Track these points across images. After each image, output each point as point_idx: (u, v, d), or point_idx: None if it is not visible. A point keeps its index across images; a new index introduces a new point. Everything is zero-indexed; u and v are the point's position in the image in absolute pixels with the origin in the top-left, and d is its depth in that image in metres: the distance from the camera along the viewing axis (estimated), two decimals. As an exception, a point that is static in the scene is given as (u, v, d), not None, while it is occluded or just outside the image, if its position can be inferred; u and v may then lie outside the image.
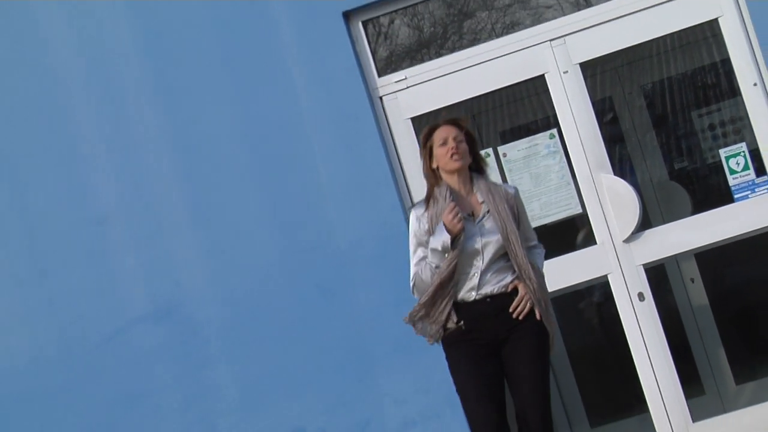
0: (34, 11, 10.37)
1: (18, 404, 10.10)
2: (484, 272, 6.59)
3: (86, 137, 10.17)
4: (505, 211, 6.65)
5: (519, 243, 6.61)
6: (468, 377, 6.61)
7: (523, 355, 6.62)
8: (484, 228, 6.63)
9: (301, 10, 9.85)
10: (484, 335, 6.60)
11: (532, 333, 6.62)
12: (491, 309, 6.57)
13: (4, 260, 10.30)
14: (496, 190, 6.83)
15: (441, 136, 6.68)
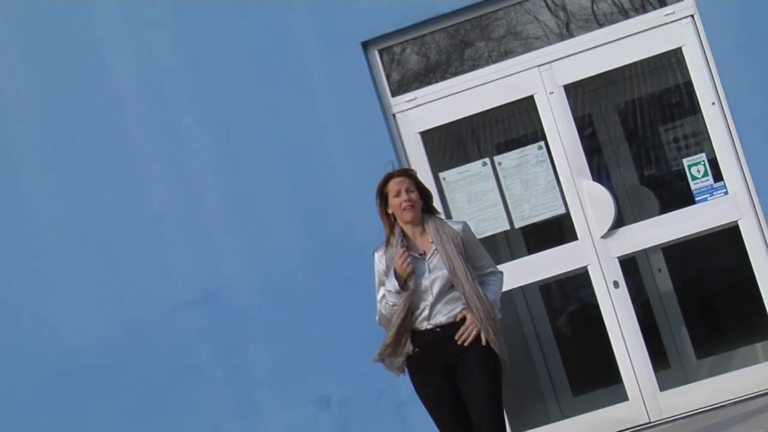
0: (96, 34, 10.52)
1: (89, 376, 10.27)
2: (434, 304, 6.55)
3: (143, 149, 10.36)
4: (452, 248, 6.59)
5: (466, 276, 6.53)
6: (429, 401, 6.66)
7: (473, 381, 6.54)
8: (432, 265, 6.57)
9: (326, 40, 10.05)
10: (437, 361, 6.56)
11: (481, 359, 6.54)
12: (440, 337, 6.53)
13: (77, 254, 10.45)
14: (444, 229, 6.74)
15: (394, 189, 6.65)
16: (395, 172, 6.82)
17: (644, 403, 9.68)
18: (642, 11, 10.02)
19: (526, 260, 10.29)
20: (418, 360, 6.54)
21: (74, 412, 10.41)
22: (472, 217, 9.95)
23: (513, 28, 10.25)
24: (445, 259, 6.50)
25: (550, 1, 10.21)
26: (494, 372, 6.52)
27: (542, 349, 11.53)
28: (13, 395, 10.49)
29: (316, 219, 10.00)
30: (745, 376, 9.69)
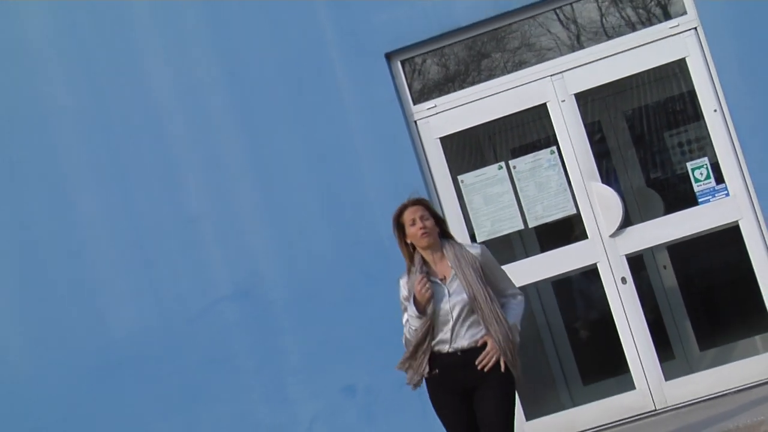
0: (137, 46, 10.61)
1: (130, 365, 10.34)
2: (455, 328, 6.49)
3: (180, 154, 10.45)
4: (471, 273, 6.51)
5: (485, 300, 6.46)
6: (445, 420, 6.62)
7: (490, 405, 6.49)
8: (452, 289, 6.50)
9: (352, 51, 10.08)
10: (456, 383, 6.52)
11: (498, 383, 6.48)
12: (461, 361, 6.47)
13: (119, 252, 10.54)
14: (462, 254, 6.66)
15: (410, 218, 6.61)
16: (408, 202, 6.77)
17: (650, 392, 9.67)
18: (648, 24, 10.05)
19: (539, 258, 10.33)
20: (438, 380, 6.52)
21: (116, 398, 10.46)
22: (489, 217, 10.12)
23: (527, 40, 10.27)
24: (465, 284, 6.46)
25: (562, 15, 10.21)
26: (510, 395, 6.53)
27: (554, 340, 11.54)
28: (61, 382, 10.50)
29: (341, 219, 10.05)
30: (745, 366, 9.69)
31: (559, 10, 10.19)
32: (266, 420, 10.27)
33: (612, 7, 10.23)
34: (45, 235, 10.74)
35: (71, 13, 10.83)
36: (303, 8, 10.35)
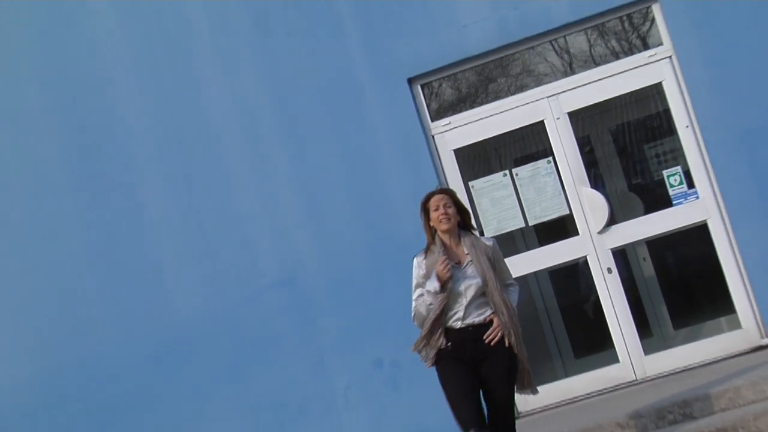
0: (198, 74, 10.71)
1: (192, 343, 10.53)
2: (468, 307, 6.49)
3: (235, 163, 10.59)
4: (485, 260, 6.53)
5: (495, 285, 6.51)
6: (454, 385, 6.51)
7: (495, 376, 6.53)
8: (467, 273, 6.51)
9: (380, 77, 10.22)
10: (466, 354, 6.50)
11: (504, 358, 6.53)
12: (472, 335, 6.49)
13: (183, 245, 10.68)
14: (478, 243, 6.70)
15: (434, 204, 6.64)
16: (436, 190, 6.82)
17: (632, 364, 9.83)
18: (630, 53, 10.13)
19: (537, 251, 10.38)
20: (450, 351, 6.50)
21: (180, 371, 10.62)
22: (495, 216, 10.22)
23: (527, 66, 10.33)
24: (479, 270, 6.48)
25: (557, 45, 10.28)
26: (512, 366, 6.56)
27: (551, 321, 11.54)
28: (134, 357, 10.64)
29: (370, 219, 10.14)
30: (712, 343, 9.84)
31: (554, 41, 10.25)
32: (308, 388, 10.31)
33: (599, 38, 10.26)
34: (124, 232, 10.84)
35: (145, 45, 10.91)
36: (339, 41, 10.43)
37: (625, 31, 10.29)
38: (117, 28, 10.93)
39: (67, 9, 10.99)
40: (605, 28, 10.22)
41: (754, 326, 9.68)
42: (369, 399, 10.08)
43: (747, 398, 7.82)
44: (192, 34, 10.79)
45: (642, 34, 10.18)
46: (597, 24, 10.14)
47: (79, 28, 10.98)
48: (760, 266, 9.54)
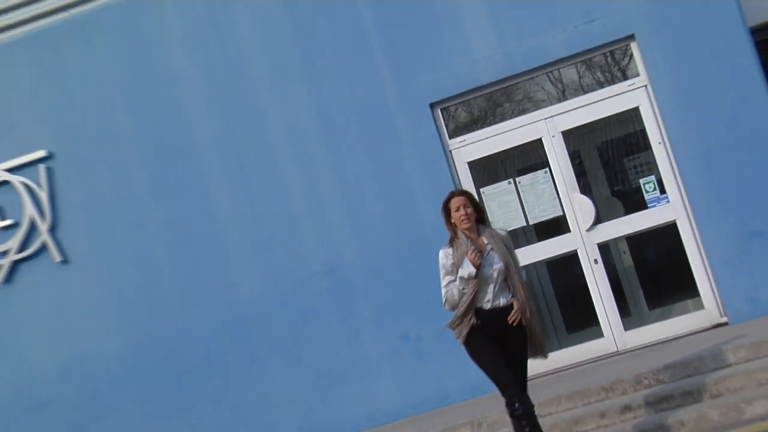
0: (260, 99, 10.80)
1: (252, 322, 10.71)
2: (495, 290, 6.50)
3: (289, 172, 10.73)
4: (503, 248, 6.56)
5: (514, 268, 6.58)
6: (487, 355, 6.53)
7: (517, 350, 6.58)
8: (491, 260, 6.49)
9: (407, 103, 10.37)
10: (493, 330, 6.51)
11: (522, 334, 6.58)
12: (499, 315, 6.50)
13: (246, 239, 10.80)
14: (495, 234, 6.68)
15: (455, 204, 6.59)
16: (456, 192, 6.83)
17: (614, 338, 10.00)
18: (612, 83, 10.26)
19: (536, 245, 10.44)
20: (480, 329, 6.50)
21: (244, 344, 10.77)
22: (502, 217, 10.32)
23: (527, 93, 10.44)
24: (500, 256, 6.50)
25: (552, 76, 10.39)
26: (526, 347, 6.65)
27: (547, 302, 11.47)
28: (205, 333, 10.84)
29: (398, 219, 10.24)
30: (680, 321, 10.02)
31: (549, 73, 10.36)
32: (346, 358, 10.48)
33: (587, 70, 10.38)
34: (196, 230, 11.00)
35: (214, 77, 11.05)
36: (373, 73, 10.56)
37: (608, 64, 10.38)
38: (191, 64, 11.05)
39: (150, 48, 11.14)
40: (592, 62, 10.33)
41: (715, 307, 9.80)
42: (397, 368, 10.19)
43: (709, 366, 7.94)
44: (252, 68, 10.92)
45: (622, 67, 10.26)
46: (585, 59, 10.24)
47: (159, 64, 11.10)
48: (720, 258, 9.67)
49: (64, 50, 11.33)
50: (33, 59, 11.40)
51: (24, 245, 11.17)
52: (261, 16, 10.86)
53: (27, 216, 11.10)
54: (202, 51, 11.04)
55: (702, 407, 7.31)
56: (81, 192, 11.17)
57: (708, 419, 7.12)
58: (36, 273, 11.16)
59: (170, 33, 11.09)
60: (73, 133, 11.22)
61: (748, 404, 7.07)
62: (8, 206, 11.25)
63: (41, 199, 11.11)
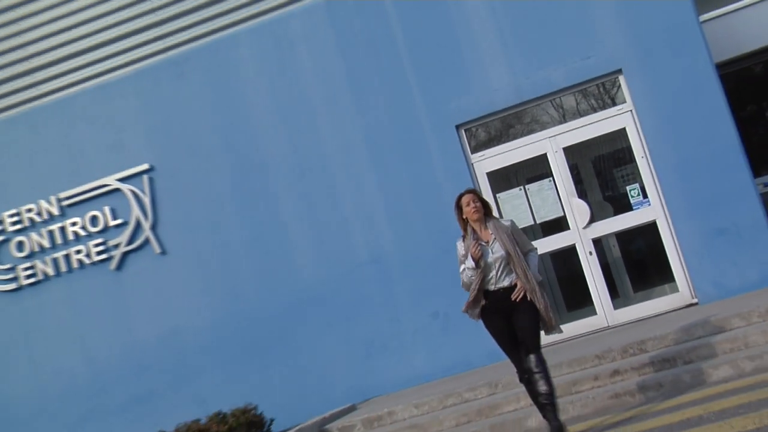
0: (316, 122, 10.87)
1: (312, 301, 10.84)
2: (497, 274, 6.34)
3: (341, 182, 10.84)
4: (506, 237, 6.35)
5: (516, 255, 6.30)
6: (496, 329, 6.47)
7: (522, 321, 6.35)
8: (493, 249, 6.32)
9: (437, 124, 10.46)
10: (500, 308, 6.38)
11: (526, 309, 6.33)
12: (502, 295, 6.35)
13: (306, 234, 10.91)
14: (499, 225, 6.49)
15: (466, 201, 6.48)
16: (465, 191, 6.66)
17: (605, 315, 10.09)
18: (604, 108, 10.29)
19: (542, 240, 10.31)
20: (489, 308, 6.41)
21: (305, 320, 10.90)
22: (514, 217, 9.40)
23: (534, 117, 10.50)
24: (502, 245, 6.31)
25: (554, 103, 10.43)
26: (535, 315, 6.36)
27: (550, 286, 11.14)
28: (274, 311, 10.98)
29: (430, 219, 10.20)
30: (659, 302, 10.12)
31: (552, 100, 10.43)
32: (387, 332, 10.58)
33: (583, 98, 10.42)
34: (267, 228, 11.15)
35: (281, 99, 11.17)
36: (409, 101, 10.65)
37: (600, 93, 10.39)
38: (262, 95, 11.18)
39: (229, 82, 11.30)
40: (587, 91, 10.39)
41: (687, 290, 9.91)
42: (428, 339, 10.26)
43: (682, 338, 7.97)
44: (311, 98, 11.07)
45: (612, 95, 10.30)
46: (581, 88, 10.32)
47: (237, 95, 11.32)
48: (691, 250, 9.78)
49: (162, 84, 11.61)
50: (138, 91, 11.67)
51: (131, 240, 11.41)
52: (318, 56, 11.03)
53: (134, 216, 11.39)
54: (271, 84, 11.21)
55: (677, 371, 7.28)
56: (176, 197, 11.41)
57: (681, 381, 7.10)
58: (140, 262, 11.41)
59: (246, 70, 11.28)
60: (169, 150, 11.48)
61: (715, 369, 7.05)
62: (119, 209, 11.48)
63: (145, 203, 11.37)
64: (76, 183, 11.60)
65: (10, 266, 11.73)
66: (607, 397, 7.30)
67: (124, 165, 11.47)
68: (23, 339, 11.64)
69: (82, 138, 11.70)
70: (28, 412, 11.57)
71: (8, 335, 11.76)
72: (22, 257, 11.72)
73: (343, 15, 10.95)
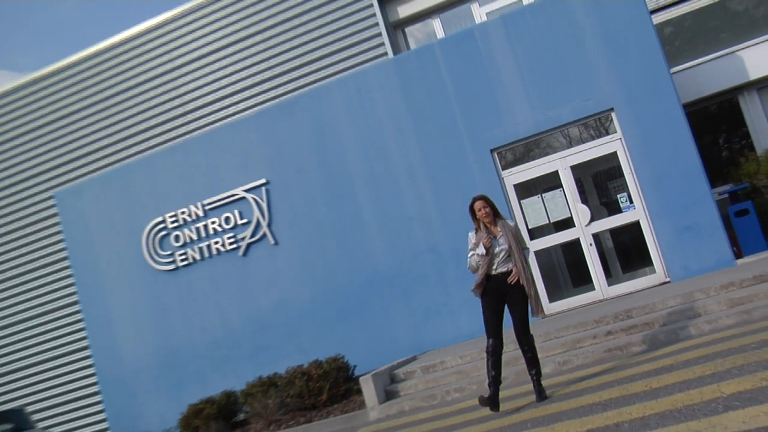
0: (383, 144, 10.90)
1: (383, 279, 10.86)
2: (499, 262, 6.08)
3: (407, 192, 10.75)
4: (510, 234, 6.13)
5: (517, 248, 6.08)
6: (491, 308, 6.07)
7: (515, 301, 6.04)
8: (500, 242, 6.10)
9: (476, 148, 10.50)
10: (497, 289, 6.08)
11: (520, 293, 6.03)
12: (502, 278, 6.07)
13: (379, 230, 10.89)
14: (505, 224, 6.21)
15: (478, 207, 6.26)
16: (477, 197, 6.38)
17: (601, 290, 10.11)
18: (600, 137, 10.26)
19: (554, 235, 10.36)
20: (489, 289, 6.11)
21: (377, 294, 10.92)
22: (534, 218, 10.39)
23: (549, 143, 10.49)
24: (506, 240, 6.10)
25: (564, 132, 10.39)
26: (526, 299, 6.05)
27: (560, 268, 11.27)
28: (353, 286, 11.08)
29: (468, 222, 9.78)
30: (641, 280, 10.07)
31: (562, 130, 10.40)
32: (441, 302, 10.54)
33: (584, 129, 10.40)
34: (349, 221, 11.18)
35: (361, 126, 11.13)
36: (453, 129, 10.67)
37: (597, 125, 10.37)
38: (348, 127, 11.28)
39: (322, 116, 11.40)
40: (587, 124, 10.38)
41: (662, 271, 9.92)
42: (470, 308, 9.82)
43: (658, 307, 7.97)
44: (383, 129, 11.10)
45: (606, 127, 10.29)
46: (583, 122, 10.30)
47: (330, 127, 11.35)
48: (665, 242, 9.80)
49: (276, 121, 11.80)
50: (259, 127, 11.90)
51: (253, 234, 11.64)
52: (389, 99, 11.13)
53: (255, 217, 11.63)
54: (354, 120, 11.29)
55: (655, 332, 7.26)
56: (285, 203, 11.54)
57: (658, 339, 7.11)
58: (260, 250, 11.62)
59: (336, 110, 11.41)
60: (281, 169, 11.63)
61: (682, 330, 7.05)
62: (245, 211, 11.70)
63: (263, 207, 11.60)
64: (215, 193, 11.87)
65: (169, 252, 12.13)
66: (602, 351, 7.33)
67: (249, 180, 11.67)
68: (179, 305, 12.01)
69: (219, 161, 11.94)
70: (184, 356, 12.01)
71: (169, 302, 12.10)
72: (178, 246, 12.04)
73: (407, 68, 11.03)
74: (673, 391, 4.87)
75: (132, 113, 15.27)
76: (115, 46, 15.47)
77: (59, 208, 12.78)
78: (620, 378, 5.96)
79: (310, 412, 9.05)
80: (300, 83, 13.93)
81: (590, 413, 4.97)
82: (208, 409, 9.84)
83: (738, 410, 3.91)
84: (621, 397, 5.21)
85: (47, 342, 15.51)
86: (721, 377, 4.86)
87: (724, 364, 5.23)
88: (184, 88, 14.83)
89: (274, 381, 9.72)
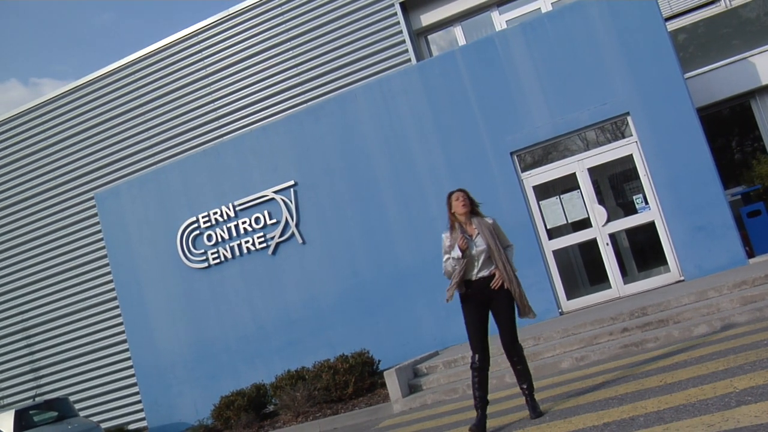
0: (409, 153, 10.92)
1: (408, 274, 10.79)
2: (479, 266, 5.34)
3: (431, 194, 10.70)
4: (488, 233, 5.40)
5: (497, 249, 5.34)
6: (470, 317, 5.29)
7: (500, 308, 5.28)
8: (477, 242, 5.35)
9: (497, 151, 10.43)
10: (479, 296, 5.32)
11: (506, 298, 5.28)
12: (483, 284, 5.32)
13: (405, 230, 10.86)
14: (482, 222, 5.50)
15: (455, 197, 5.56)
16: (456, 190, 5.71)
17: (617, 289, 10.04)
18: (616, 140, 10.16)
19: (572, 235, 10.31)
20: (469, 297, 5.36)
21: (402, 288, 10.90)
22: (552, 218, 10.30)
23: (567, 146, 10.42)
24: (485, 239, 5.38)
25: (581, 135, 10.31)
26: (511, 304, 5.32)
27: (578, 267, 11.27)
28: (380, 283, 11.10)
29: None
30: (656, 279, 10.01)
31: (579, 134, 10.33)
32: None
33: (601, 133, 10.30)
34: (375, 223, 11.18)
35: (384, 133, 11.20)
36: (476, 134, 10.64)
37: (613, 129, 10.29)
38: (372, 132, 11.33)
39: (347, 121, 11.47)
40: (604, 128, 10.30)
41: (676, 270, 9.85)
42: None
43: (672, 305, 7.93)
44: (408, 134, 11.08)
45: (622, 130, 10.22)
46: (600, 126, 10.23)
47: (354, 132, 11.46)
48: (679, 241, 9.72)
49: (304, 125, 11.84)
50: (288, 131, 11.97)
51: (282, 233, 11.70)
52: (413, 104, 11.10)
53: (284, 217, 11.66)
54: (379, 124, 11.30)
55: (669, 329, 7.23)
56: (312, 204, 11.56)
57: (672, 336, 7.04)
58: (289, 249, 11.67)
59: (362, 114, 11.47)
60: (309, 171, 11.64)
61: (696, 327, 7.00)
62: (274, 212, 11.77)
63: (291, 207, 11.63)
64: (246, 194, 11.91)
65: (202, 251, 12.23)
66: (618, 347, 7.29)
67: (278, 181, 11.71)
68: (212, 300, 12.09)
69: (250, 163, 11.96)
70: (217, 349, 12.12)
71: (202, 298, 12.18)
72: (210, 245, 12.11)
73: (430, 74, 10.99)
74: (687, 386, 4.84)
75: (167, 118, 15.42)
76: (150, 55, 15.61)
77: (99, 209, 12.93)
78: (636, 373, 5.94)
79: (336, 405, 9.08)
80: (327, 89, 14.00)
81: (607, 407, 4.96)
82: (239, 401, 9.95)
83: (750, 405, 3.89)
84: (636, 391, 5.20)
85: (89, 335, 15.72)
86: (733, 373, 4.82)
87: (736, 360, 5.19)
88: (217, 94, 14.96)
89: (302, 374, 9.77)
